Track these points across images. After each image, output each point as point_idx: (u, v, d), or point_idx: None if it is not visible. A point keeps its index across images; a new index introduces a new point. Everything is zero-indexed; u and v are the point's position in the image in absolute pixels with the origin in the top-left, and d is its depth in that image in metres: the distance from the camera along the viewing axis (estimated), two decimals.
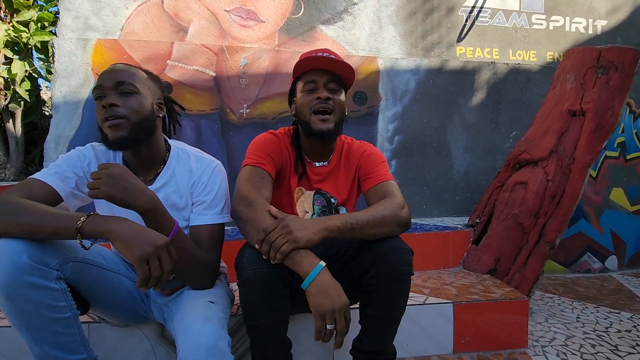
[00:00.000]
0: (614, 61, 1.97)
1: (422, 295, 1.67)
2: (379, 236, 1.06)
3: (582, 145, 1.98)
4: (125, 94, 1.04)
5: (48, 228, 0.86)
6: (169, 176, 1.14)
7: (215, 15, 2.57)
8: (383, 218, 1.06)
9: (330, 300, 0.94)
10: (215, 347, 0.88)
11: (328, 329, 0.95)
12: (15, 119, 3.82)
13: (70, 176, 1.05)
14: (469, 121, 2.90)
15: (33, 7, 3.69)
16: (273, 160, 1.21)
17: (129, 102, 1.04)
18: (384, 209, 1.08)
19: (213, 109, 2.51)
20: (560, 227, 1.97)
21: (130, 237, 0.86)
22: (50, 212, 0.88)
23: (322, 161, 1.31)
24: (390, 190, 1.18)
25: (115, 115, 1.01)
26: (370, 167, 1.27)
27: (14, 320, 0.87)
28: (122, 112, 1.02)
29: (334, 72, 1.20)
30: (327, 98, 1.18)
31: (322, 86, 1.20)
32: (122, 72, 1.06)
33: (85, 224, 0.86)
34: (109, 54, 2.35)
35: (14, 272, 0.82)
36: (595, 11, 3.16)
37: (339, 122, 1.22)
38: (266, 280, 0.98)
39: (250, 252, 1.00)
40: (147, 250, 0.86)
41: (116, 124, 1.01)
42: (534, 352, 1.58)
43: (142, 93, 1.07)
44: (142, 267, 0.86)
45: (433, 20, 2.91)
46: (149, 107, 1.08)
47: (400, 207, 1.11)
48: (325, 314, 0.94)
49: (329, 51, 1.23)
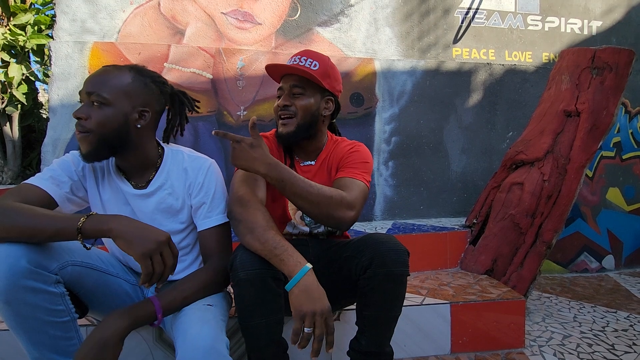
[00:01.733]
0: (609, 62, 1.99)
1: (419, 295, 1.68)
2: (312, 215, 1.10)
3: (578, 146, 1.99)
4: (96, 106, 1.00)
5: (48, 230, 0.86)
6: (163, 179, 1.13)
7: (212, 18, 2.57)
8: (316, 197, 1.05)
9: (312, 302, 0.95)
10: (213, 349, 0.88)
11: (306, 332, 0.94)
12: (13, 122, 3.82)
13: (65, 180, 1.05)
14: (466, 122, 2.91)
15: (30, 10, 3.69)
16: None
17: (96, 115, 0.99)
18: (329, 191, 1.08)
19: (210, 111, 2.51)
20: (556, 227, 1.98)
21: (131, 234, 0.87)
22: (50, 215, 0.88)
23: (309, 160, 1.32)
24: (354, 188, 1.14)
25: (81, 129, 1.00)
26: (348, 161, 1.25)
27: (12, 324, 0.87)
28: (88, 126, 0.99)
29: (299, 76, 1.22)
30: (285, 105, 1.22)
31: (286, 92, 1.24)
32: (98, 79, 1.02)
33: (85, 224, 0.86)
34: (106, 57, 2.35)
35: (13, 276, 0.82)
36: (591, 12, 3.18)
37: (303, 124, 1.23)
38: (259, 281, 0.98)
39: (243, 253, 1.01)
40: (149, 246, 0.87)
41: (82, 137, 1.00)
42: (531, 352, 1.59)
43: (113, 104, 1.01)
44: (146, 263, 0.86)
45: (429, 22, 2.92)
46: (121, 118, 1.02)
47: (346, 206, 1.08)
48: (305, 316, 0.94)
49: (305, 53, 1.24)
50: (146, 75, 1.10)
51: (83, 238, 0.87)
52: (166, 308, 0.97)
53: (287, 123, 1.23)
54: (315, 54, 1.26)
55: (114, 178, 1.12)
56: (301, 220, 1.32)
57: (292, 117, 1.23)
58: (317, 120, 1.26)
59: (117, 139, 1.03)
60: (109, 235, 0.87)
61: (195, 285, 1.03)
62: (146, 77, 1.09)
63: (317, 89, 1.25)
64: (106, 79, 1.02)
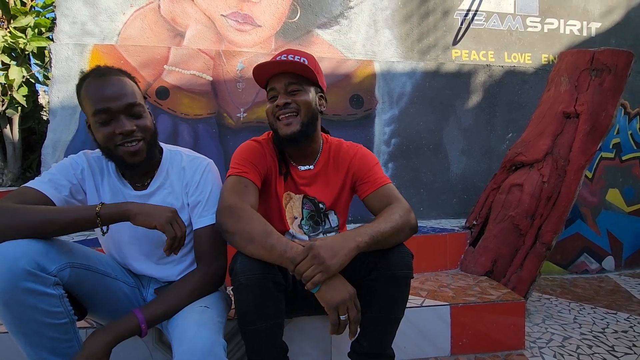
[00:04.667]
0: (607, 64, 1.99)
1: (419, 297, 1.68)
2: (396, 244, 1.08)
3: (577, 147, 1.99)
4: (135, 116, 1.05)
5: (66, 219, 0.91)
6: (162, 179, 1.15)
7: (212, 20, 2.58)
8: (401, 226, 1.07)
9: (339, 292, 0.97)
10: (211, 352, 0.88)
11: (342, 320, 0.97)
12: (13, 125, 3.83)
13: (64, 184, 1.05)
14: (465, 124, 2.91)
15: (30, 13, 3.70)
16: (257, 168, 1.19)
17: (142, 123, 1.06)
18: (399, 216, 1.08)
19: (210, 113, 2.51)
20: (556, 229, 1.98)
21: (148, 210, 0.96)
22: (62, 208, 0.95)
23: (307, 164, 1.28)
24: (395, 195, 1.19)
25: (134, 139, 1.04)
26: (365, 170, 1.25)
27: (11, 327, 0.87)
28: (140, 135, 1.05)
29: (292, 73, 1.17)
30: (286, 103, 1.16)
31: (282, 92, 1.17)
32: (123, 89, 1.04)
33: (102, 210, 0.94)
34: (106, 60, 2.36)
35: (11, 278, 0.82)
36: (590, 13, 3.19)
37: (307, 121, 1.18)
38: (259, 286, 0.98)
39: (243, 258, 1.00)
40: (168, 214, 0.97)
41: (138, 148, 1.04)
42: (531, 354, 1.59)
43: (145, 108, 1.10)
44: (169, 228, 0.96)
45: (429, 24, 2.93)
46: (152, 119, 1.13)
47: (410, 212, 1.13)
48: (338, 306, 0.96)
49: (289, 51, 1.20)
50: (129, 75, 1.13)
51: (102, 222, 0.93)
52: (150, 320, 0.98)
53: (291, 122, 1.16)
54: (299, 51, 1.21)
55: (113, 180, 1.13)
56: (299, 229, 1.30)
57: (296, 114, 1.16)
58: (316, 117, 1.22)
59: (156, 140, 1.13)
60: (127, 215, 0.95)
61: (180, 293, 1.03)
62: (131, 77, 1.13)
63: (310, 84, 1.20)
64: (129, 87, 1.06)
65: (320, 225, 1.30)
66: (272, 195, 1.26)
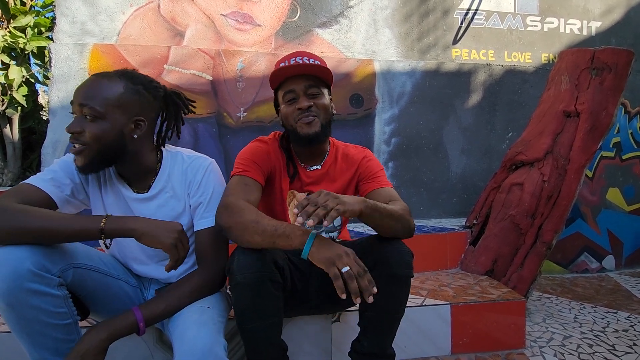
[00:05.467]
0: (608, 63, 1.99)
1: (419, 296, 1.68)
2: (392, 231, 1.07)
3: (577, 146, 1.99)
4: (89, 119, 0.98)
5: (68, 231, 0.88)
6: (164, 182, 1.12)
7: (212, 20, 2.58)
8: (400, 216, 1.07)
9: (332, 249, 0.94)
10: (211, 351, 0.88)
11: (344, 271, 0.89)
12: (13, 124, 3.83)
13: (66, 183, 1.05)
14: (465, 123, 2.91)
15: (30, 12, 3.70)
16: (260, 167, 1.20)
17: (91, 129, 0.97)
18: (399, 208, 1.10)
19: (210, 112, 2.51)
20: (556, 228, 1.98)
21: (154, 231, 0.94)
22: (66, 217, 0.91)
23: (314, 165, 1.30)
24: (396, 196, 1.21)
25: (76, 142, 0.99)
26: (371, 171, 1.29)
27: (14, 327, 0.86)
28: (83, 139, 0.98)
29: (311, 76, 1.19)
30: (309, 106, 1.18)
31: (302, 94, 1.18)
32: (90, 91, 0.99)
33: (107, 225, 0.91)
34: (105, 59, 2.36)
35: (16, 279, 0.81)
36: (590, 12, 3.18)
37: (325, 124, 1.22)
38: (256, 285, 0.98)
39: (240, 257, 1.00)
40: (174, 236, 0.95)
41: (78, 150, 0.99)
42: (532, 353, 1.59)
43: (107, 117, 0.98)
44: (174, 252, 0.95)
45: (429, 23, 2.92)
46: (116, 131, 1.00)
47: (409, 212, 1.13)
48: (334, 259, 0.91)
49: (302, 53, 1.22)
50: (138, 82, 1.06)
51: (105, 238, 0.91)
52: (149, 318, 0.97)
53: (312, 122, 1.18)
54: (311, 54, 1.24)
55: (115, 183, 1.12)
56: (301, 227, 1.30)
57: (316, 117, 1.19)
58: (331, 119, 1.26)
59: (114, 152, 1.02)
60: (132, 234, 0.93)
61: (180, 293, 1.03)
62: (138, 84, 1.06)
63: (325, 87, 1.24)
64: (97, 91, 0.99)
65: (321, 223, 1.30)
66: (277, 192, 1.27)
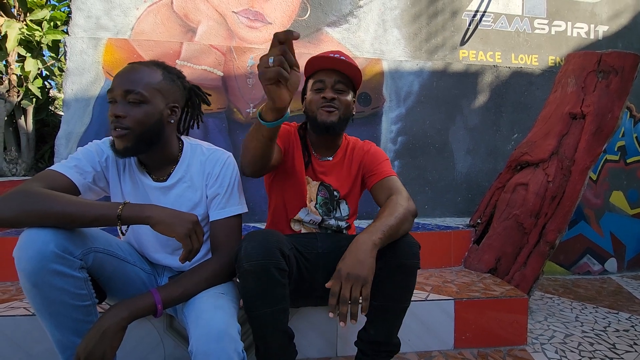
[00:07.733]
0: (614, 66, 2.01)
1: (424, 292, 1.71)
2: (404, 233, 1.13)
3: (582, 148, 2.02)
4: (133, 104, 1.04)
5: (88, 216, 0.91)
6: (182, 172, 1.17)
7: (224, 17, 2.62)
8: (405, 215, 1.12)
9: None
10: (227, 333, 0.91)
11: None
12: (27, 116, 3.89)
13: (88, 171, 1.09)
14: (471, 123, 2.94)
15: (46, 6, 3.75)
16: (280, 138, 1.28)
17: (135, 113, 1.04)
18: (401, 206, 1.14)
19: (220, 108, 2.55)
20: (560, 228, 2.00)
21: (169, 220, 0.95)
22: (87, 203, 0.94)
23: (327, 156, 1.38)
24: (396, 186, 1.26)
25: (120, 127, 1.03)
26: (374, 164, 1.35)
27: (38, 307, 0.90)
28: (127, 124, 1.03)
29: (342, 73, 1.28)
30: (333, 98, 1.26)
31: (329, 86, 1.28)
32: (133, 77, 1.05)
33: (124, 212, 0.94)
34: (119, 53, 2.40)
35: (41, 260, 0.85)
36: (597, 17, 3.20)
37: (344, 118, 1.30)
38: (262, 272, 1.01)
39: (247, 244, 1.03)
40: (188, 226, 0.96)
41: (121, 134, 1.03)
42: (533, 349, 1.61)
43: (150, 102, 1.06)
44: (187, 242, 0.96)
45: (437, 24, 2.95)
46: (157, 115, 1.08)
47: (409, 199, 1.19)
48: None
49: (341, 53, 1.30)
50: (172, 71, 1.15)
51: (122, 224, 0.94)
52: (166, 301, 1.01)
53: (333, 112, 1.27)
54: (348, 56, 1.31)
55: (135, 171, 1.16)
56: (315, 209, 1.35)
57: (337, 110, 1.27)
58: (350, 117, 1.33)
59: (153, 135, 1.08)
60: (148, 221, 0.95)
61: (196, 278, 1.06)
62: (172, 73, 1.15)
63: (351, 88, 1.32)
64: (141, 77, 1.06)
65: (331, 212, 1.37)
66: (297, 174, 1.34)
